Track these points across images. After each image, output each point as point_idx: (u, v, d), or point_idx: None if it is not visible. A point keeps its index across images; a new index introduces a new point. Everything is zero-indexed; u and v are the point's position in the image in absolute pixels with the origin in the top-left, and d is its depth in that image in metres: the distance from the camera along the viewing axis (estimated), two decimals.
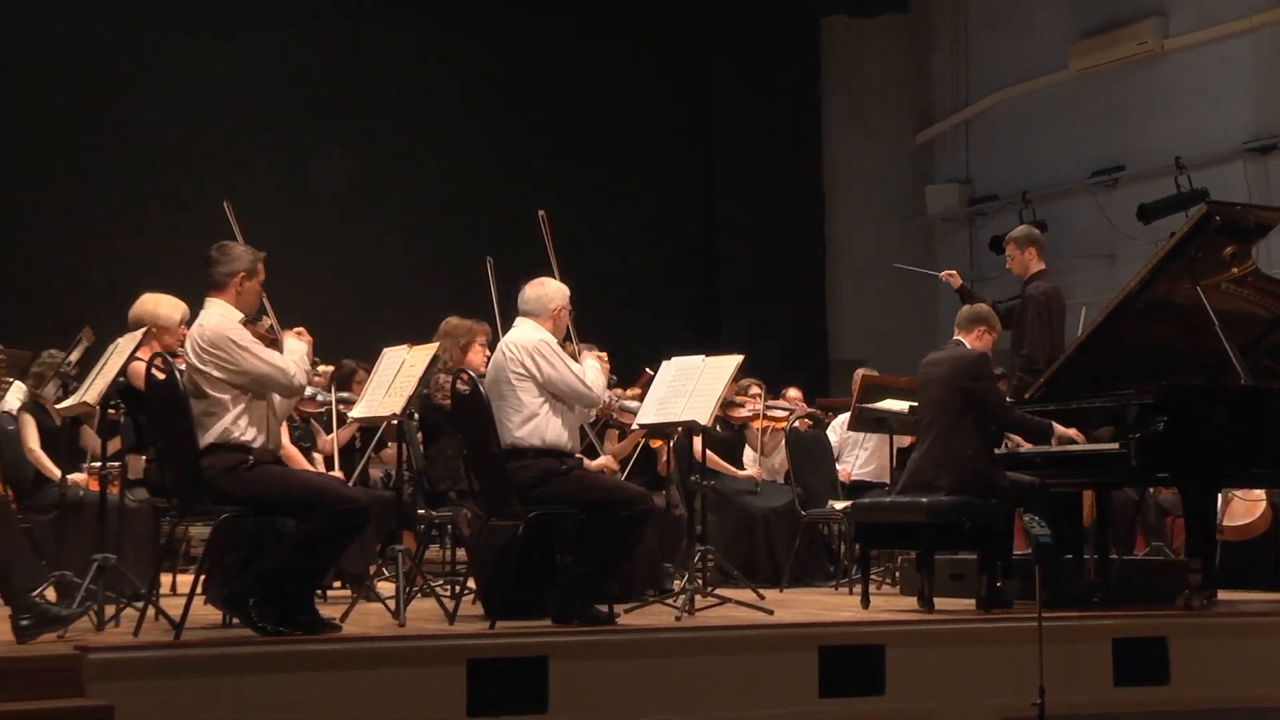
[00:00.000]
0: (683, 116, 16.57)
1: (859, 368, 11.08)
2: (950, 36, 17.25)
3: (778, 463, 10.50)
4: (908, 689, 6.54)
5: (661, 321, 14.41)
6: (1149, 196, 14.47)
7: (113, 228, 13.27)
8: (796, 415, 10.54)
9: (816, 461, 10.30)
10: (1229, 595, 8.10)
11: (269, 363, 6.24)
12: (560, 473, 6.74)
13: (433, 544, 8.56)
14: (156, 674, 5.52)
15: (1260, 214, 8.17)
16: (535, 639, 6.15)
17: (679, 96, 16.53)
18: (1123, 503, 9.38)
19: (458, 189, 14.83)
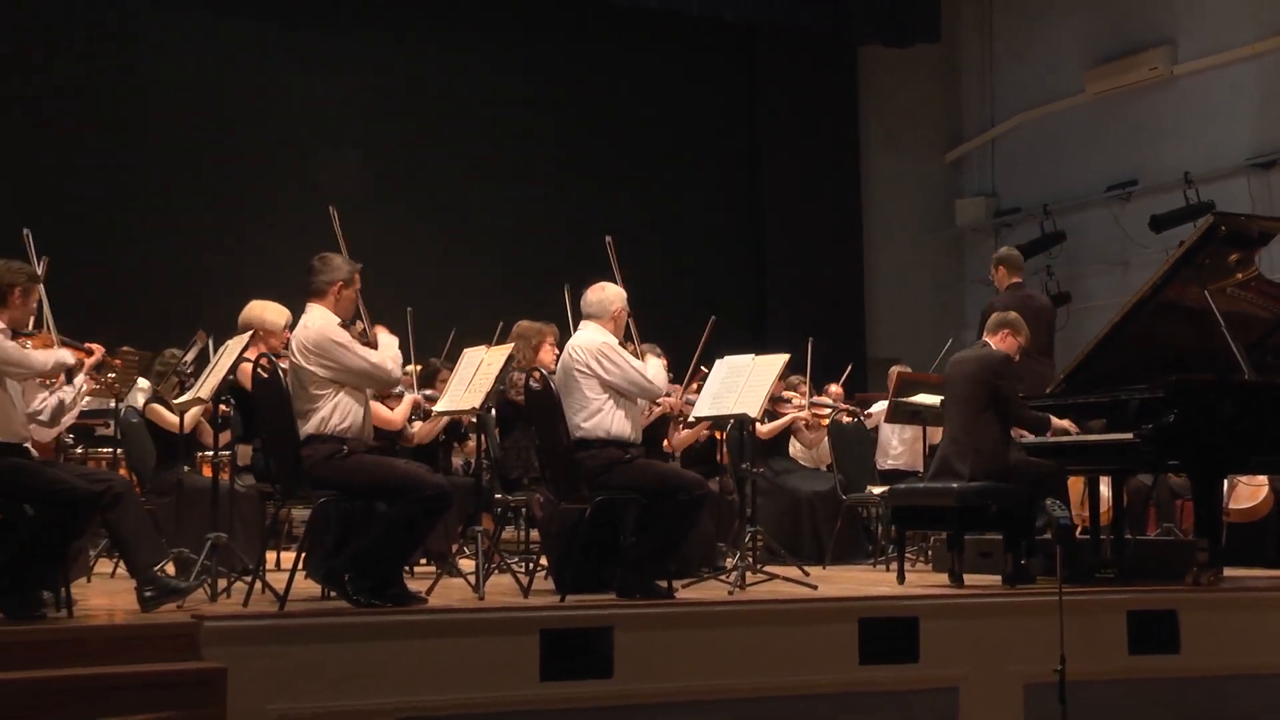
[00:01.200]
0: (735, 139, 16.56)
1: (893, 365, 11.04)
2: (977, 64, 17.15)
3: (821, 452, 10.46)
4: (940, 657, 6.52)
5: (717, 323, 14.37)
6: (1160, 208, 14.34)
7: (224, 242, 13.38)
8: (838, 409, 10.51)
9: (856, 451, 10.28)
10: (1234, 572, 8.02)
11: (367, 359, 6.29)
12: (623, 461, 6.74)
13: (509, 525, 8.59)
14: (263, 640, 5.57)
15: (1263, 224, 8.07)
16: (601, 611, 6.15)
17: (732, 121, 16.51)
18: (1137, 488, 9.32)
19: (536, 209, 14.89)
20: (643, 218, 15.15)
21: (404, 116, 14.62)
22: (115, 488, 6.10)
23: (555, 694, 5.81)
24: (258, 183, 13.80)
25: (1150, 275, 7.99)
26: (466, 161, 14.71)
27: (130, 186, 13.33)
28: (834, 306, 16.04)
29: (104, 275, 12.40)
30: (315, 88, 14.24)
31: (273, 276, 7.99)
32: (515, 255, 14.46)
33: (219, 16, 13.85)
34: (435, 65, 14.78)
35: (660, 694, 5.99)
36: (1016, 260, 9.60)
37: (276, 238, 12.76)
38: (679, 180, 15.86)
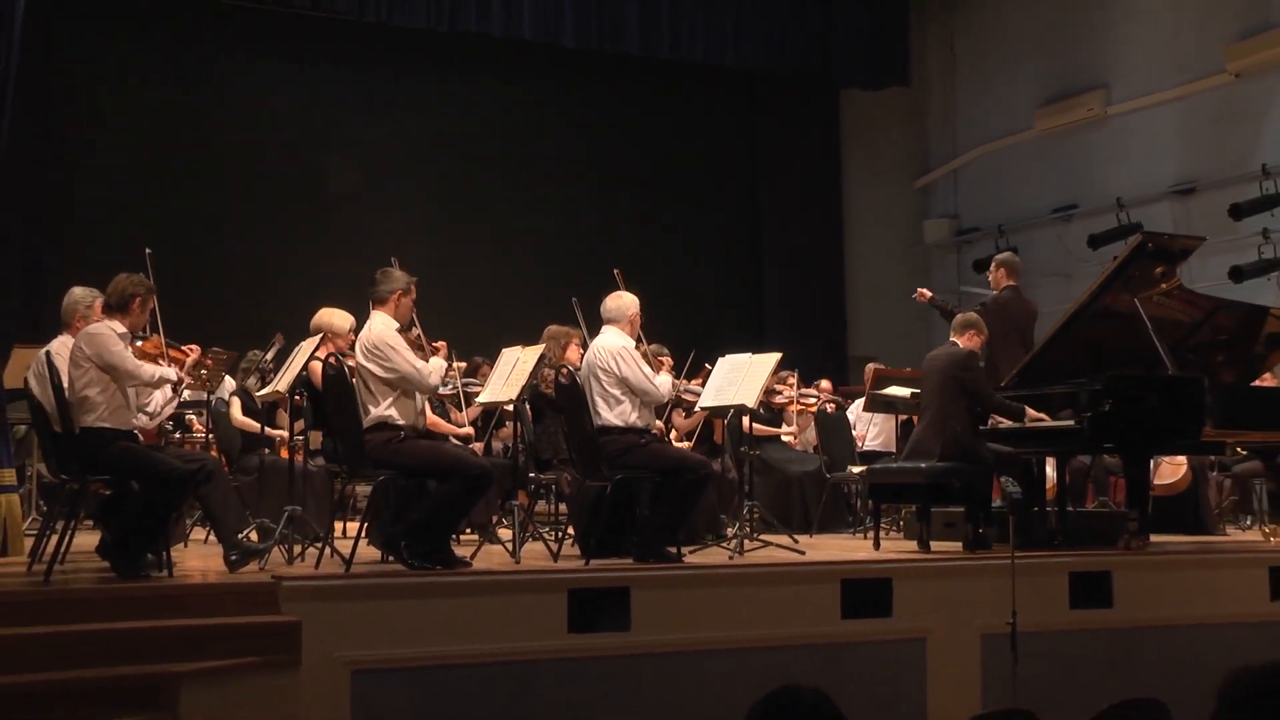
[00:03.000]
0: (736, 170, 16.52)
1: (870, 362, 11.01)
2: (941, 104, 17.10)
3: (809, 437, 10.45)
4: (910, 612, 6.52)
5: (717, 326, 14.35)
6: (1097, 228, 14.27)
7: (299, 257, 13.41)
8: (824, 400, 10.49)
9: (839, 436, 10.26)
10: (1159, 538, 8.02)
11: (413, 365, 6.30)
12: (640, 445, 6.74)
13: (541, 500, 8.57)
14: (332, 597, 5.58)
15: (1183, 242, 8.05)
16: (621, 574, 6.15)
17: (733, 154, 16.48)
18: (1077, 467, 9.29)
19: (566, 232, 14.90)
20: (656, 236, 15.19)
21: (452, 152, 14.65)
22: (208, 467, 6.14)
23: (580, 644, 5.82)
24: (329, 207, 13.86)
25: (1089, 285, 7.97)
26: (504, 192, 14.74)
27: (224, 212, 13.38)
28: (820, 312, 16.03)
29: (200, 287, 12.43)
30: (380, 126, 14.28)
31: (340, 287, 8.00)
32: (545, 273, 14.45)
33: (301, 62, 13.99)
34: (479, 108, 14.83)
35: (671, 644, 5.99)
36: (1016, 265, 9.18)
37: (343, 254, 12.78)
38: (689, 204, 15.85)
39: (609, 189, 15.32)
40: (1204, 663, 6.68)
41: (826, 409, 10.40)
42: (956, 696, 6.40)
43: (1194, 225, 12.68)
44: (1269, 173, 12.77)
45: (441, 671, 5.60)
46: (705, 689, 5.95)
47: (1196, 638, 6.94)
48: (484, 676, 5.66)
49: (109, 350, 5.94)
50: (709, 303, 15.38)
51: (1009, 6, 15.98)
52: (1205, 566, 7.55)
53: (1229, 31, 13.38)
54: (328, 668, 5.39)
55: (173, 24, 13.37)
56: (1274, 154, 12.85)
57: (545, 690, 5.73)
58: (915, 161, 17.35)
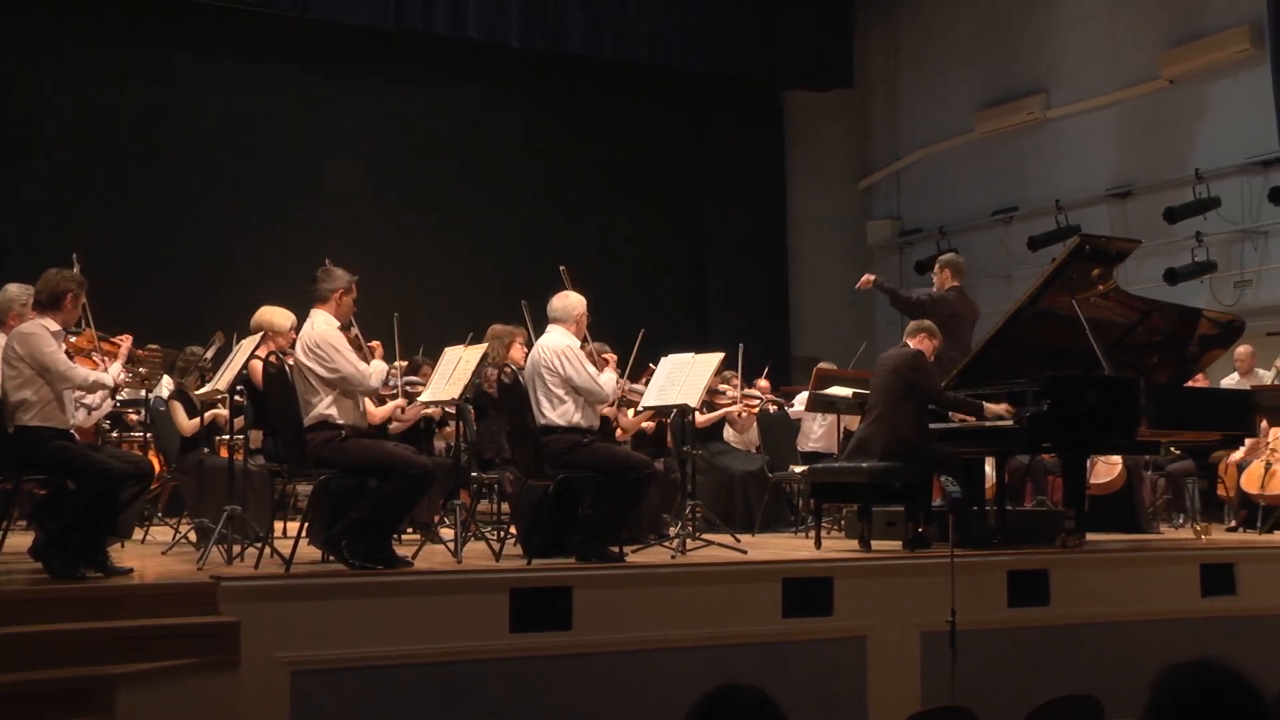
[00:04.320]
0: (681, 170, 16.54)
1: (815, 362, 11.04)
2: (884, 106, 17.22)
3: (751, 436, 10.47)
4: (851, 611, 6.54)
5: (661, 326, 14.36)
6: (1036, 230, 14.44)
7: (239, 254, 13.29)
8: (767, 400, 10.51)
9: (782, 435, 10.29)
10: (1095, 537, 8.09)
11: (355, 366, 6.25)
12: (583, 445, 6.73)
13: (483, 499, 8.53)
14: (272, 597, 5.54)
15: (1119, 244, 8.14)
16: (563, 573, 6.14)
17: (679, 155, 16.49)
18: (1016, 467, 9.37)
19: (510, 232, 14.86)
20: (601, 235, 15.17)
21: (397, 150, 14.57)
22: (140, 468, 6.08)
23: (522, 644, 5.80)
24: (270, 203, 13.74)
25: (1028, 286, 8.04)
26: (450, 192, 14.68)
27: (160, 207, 13.24)
28: (764, 312, 16.07)
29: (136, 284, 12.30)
30: (324, 123, 14.17)
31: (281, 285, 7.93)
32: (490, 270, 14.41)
33: (246, 60, 13.82)
34: (426, 107, 14.77)
35: (613, 643, 5.98)
36: (961, 266, 9.22)
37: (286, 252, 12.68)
38: (633, 204, 15.84)
39: (554, 189, 15.30)
40: (1137, 659, 6.78)
41: (768, 409, 10.43)
42: (896, 694, 6.44)
43: (1130, 228, 12.86)
44: (1202, 177, 12.98)
45: (383, 672, 5.57)
46: (646, 688, 5.95)
47: (1130, 634, 7.02)
48: (425, 676, 5.63)
49: (42, 351, 5.85)
50: (653, 302, 15.37)
51: (951, 11, 16.12)
52: (1139, 564, 7.64)
53: (1163, 39, 13.58)
54: (267, 668, 5.34)
55: (116, 20, 13.20)
56: (1207, 159, 13.06)
57: (487, 690, 5.71)
58: (858, 163, 17.45)
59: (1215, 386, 10.09)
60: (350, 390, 6.28)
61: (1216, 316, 8.38)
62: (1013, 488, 9.23)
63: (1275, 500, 9.39)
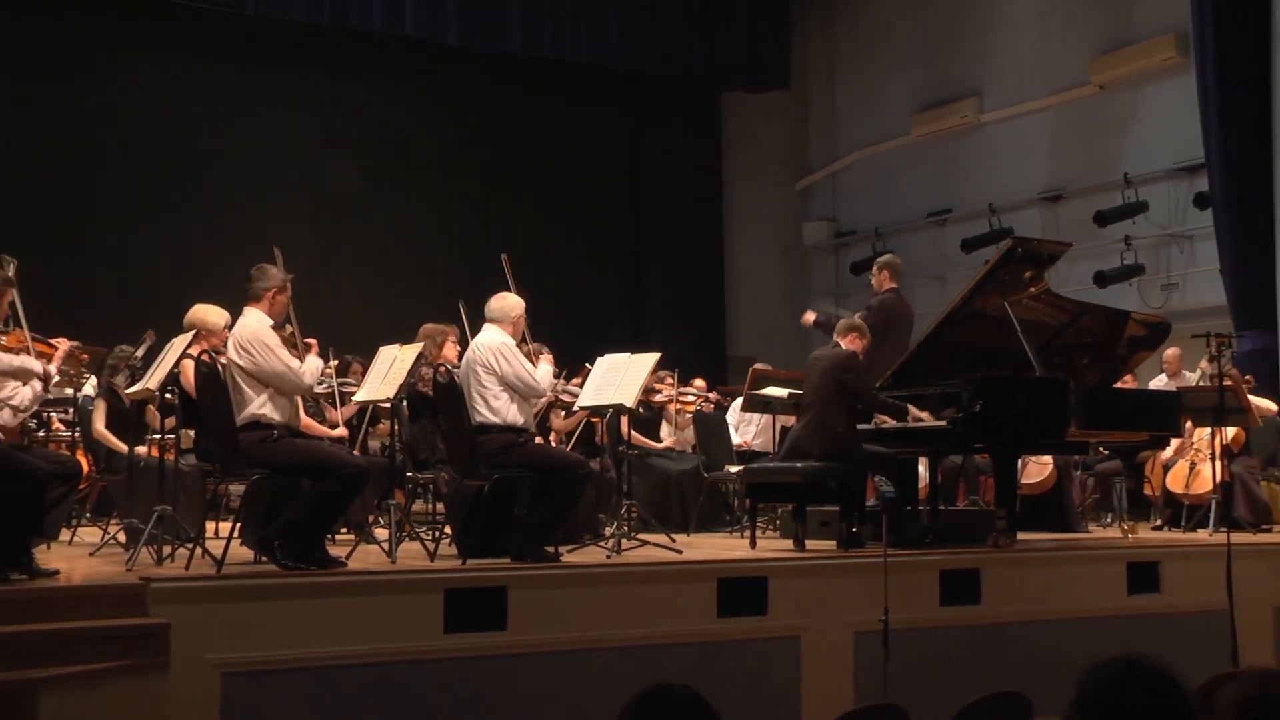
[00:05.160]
0: (619, 170, 16.57)
1: (751, 363, 11.09)
2: (821, 108, 17.33)
3: (687, 436, 10.49)
4: (785, 610, 6.57)
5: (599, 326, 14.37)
6: (969, 233, 14.60)
7: (171, 251, 13.14)
8: (702, 399, 10.54)
9: (717, 435, 10.31)
10: (1026, 536, 8.18)
11: (286, 364, 6.18)
12: (519, 444, 6.71)
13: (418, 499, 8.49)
14: (202, 599, 5.47)
15: (1051, 247, 8.24)
16: (498, 573, 6.12)
17: (616, 155, 16.53)
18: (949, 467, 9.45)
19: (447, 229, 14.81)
20: (538, 235, 15.13)
21: (334, 148, 14.45)
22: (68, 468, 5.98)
23: (457, 644, 5.77)
24: (203, 200, 13.59)
25: (961, 288, 8.11)
26: (387, 190, 14.61)
27: (89, 203, 13.07)
28: (700, 312, 16.13)
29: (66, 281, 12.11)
30: (259, 120, 14.03)
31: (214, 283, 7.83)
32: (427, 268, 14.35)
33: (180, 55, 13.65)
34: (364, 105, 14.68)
35: (548, 644, 5.97)
36: (898, 267, 9.23)
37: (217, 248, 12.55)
38: (570, 204, 15.84)
39: (491, 187, 15.27)
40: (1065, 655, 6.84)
41: (704, 409, 10.46)
42: (829, 692, 6.48)
43: (1061, 231, 13.03)
44: (1131, 182, 13.19)
45: (315, 673, 5.52)
46: (581, 688, 5.95)
47: (1059, 631, 7.10)
48: (359, 678, 5.58)
49: None
50: (589, 301, 15.39)
51: (888, 15, 16.25)
52: (1068, 563, 7.75)
53: (1093, 45, 13.79)
54: (197, 670, 5.27)
55: (45, 14, 12.96)
56: (1136, 164, 13.28)
57: (421, 691, 5.68)
58: (795, 164, 17.55)
59: (1143, 388, 10.25)
60: (283, 390, 6.21)
61: (1144, 319, 8.52)
62: (945, 488, 9.31)
63: (1199, 499, 9.55)
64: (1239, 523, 9.08)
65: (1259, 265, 11.26)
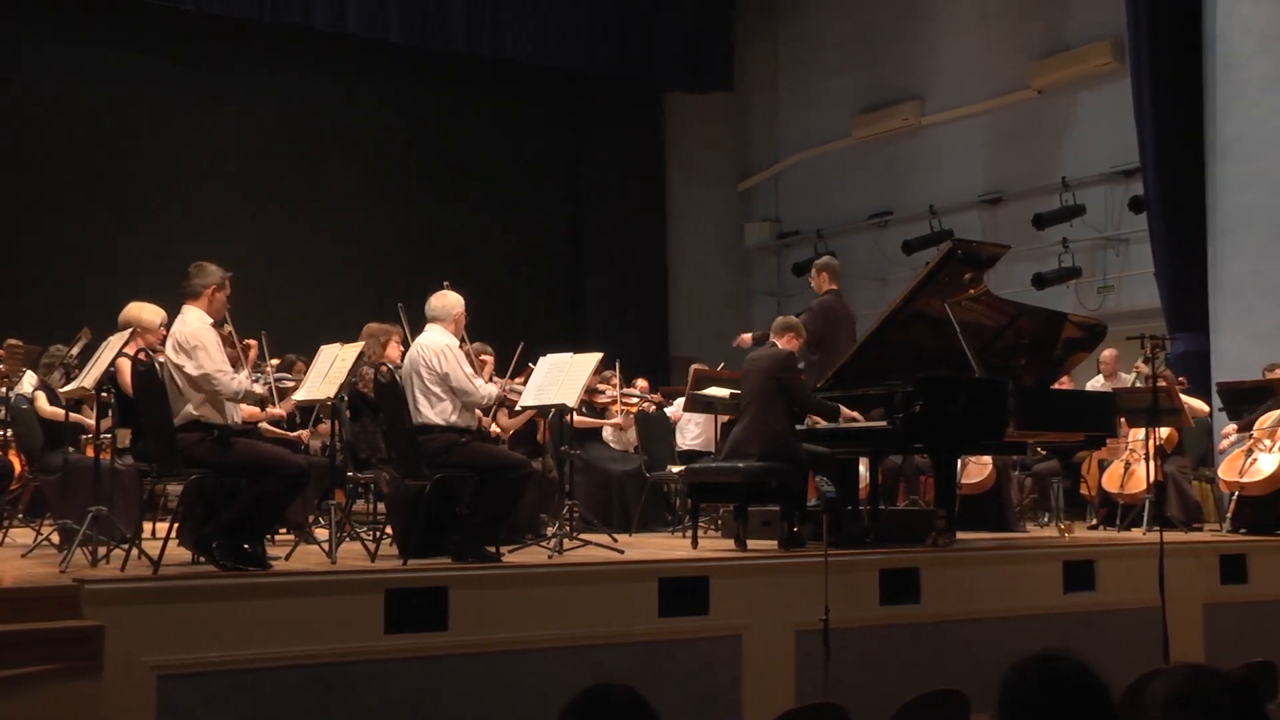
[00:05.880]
0: (560, 170, 16.57)
1: (692, 363, 11.11)
2: (764, 109, 17.41)
3: (629, 436, 10.49)
4: (727, 610, 6.57)
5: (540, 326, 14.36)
6: (910, 234, 14.74)
7: (108, 248, 12.97)
8: (645, 400, 10.55)
9: (660, 435, 10.33)
10: (965, 535, 8.24)
11: (218, 365, 6.10)
12: (460, 444, 6.67)
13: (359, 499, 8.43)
14: (138, 600, 5.37)
15: (990, 249, 8.30)
16: (439, 573, 6.08)
17: (557, 155, 16.53)
18: (889, 467, 9.52)
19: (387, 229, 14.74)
20: (480, 234, 15.13)
21: (275, 145, 14.37)
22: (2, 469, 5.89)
23: (397, 645, 5.73)
24: (139, 196, 13.43)
25: (902, 290, 8.17)
26: (327, 187, 14.51)
27: (24, 198, 12.87)
28: (642, 313, 16.16)
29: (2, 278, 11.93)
30: (199, 117, 13.91)
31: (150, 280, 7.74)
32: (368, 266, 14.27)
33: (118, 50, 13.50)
34: (304, 102, 14.60)
35: (489, 644, 5.94)
36: (837, 269, 9.23)
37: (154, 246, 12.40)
38: (513, 203, 15.81)
39: (433, 186, 15.22)
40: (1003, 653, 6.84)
41: (646, 408, 10.47)
42: (770, 691, 6.50)
43: (1001, 234, 13.18)
44: (1068, 185, 13.37)
45: (253, 675, 5.45)
46: (522, 688, 5.93)
47: (997, 630, 7.17)
48: (297, 679, 5.53)
49: None
50: (531, 302, 15.37)
51: (830, 17, 16.36)
52: (1006, 562, 7.82)
53: (1032, 50, 13.96)
54: (132, 673, 5.19)
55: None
56: (1073, 167, 13.46)
57: (361, 692, 5.64)
58: (737, 165, 17.62)
59: (1080, 389, 10.38)
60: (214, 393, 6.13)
61: (1081, 321, 8.62)
62: (886, 488, 9.39)
63: (1133, 499, 9.69)
64: (1171, 522, 9.23)
65: (1192, 269, 11.44)
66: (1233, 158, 11.06)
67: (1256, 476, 9.07)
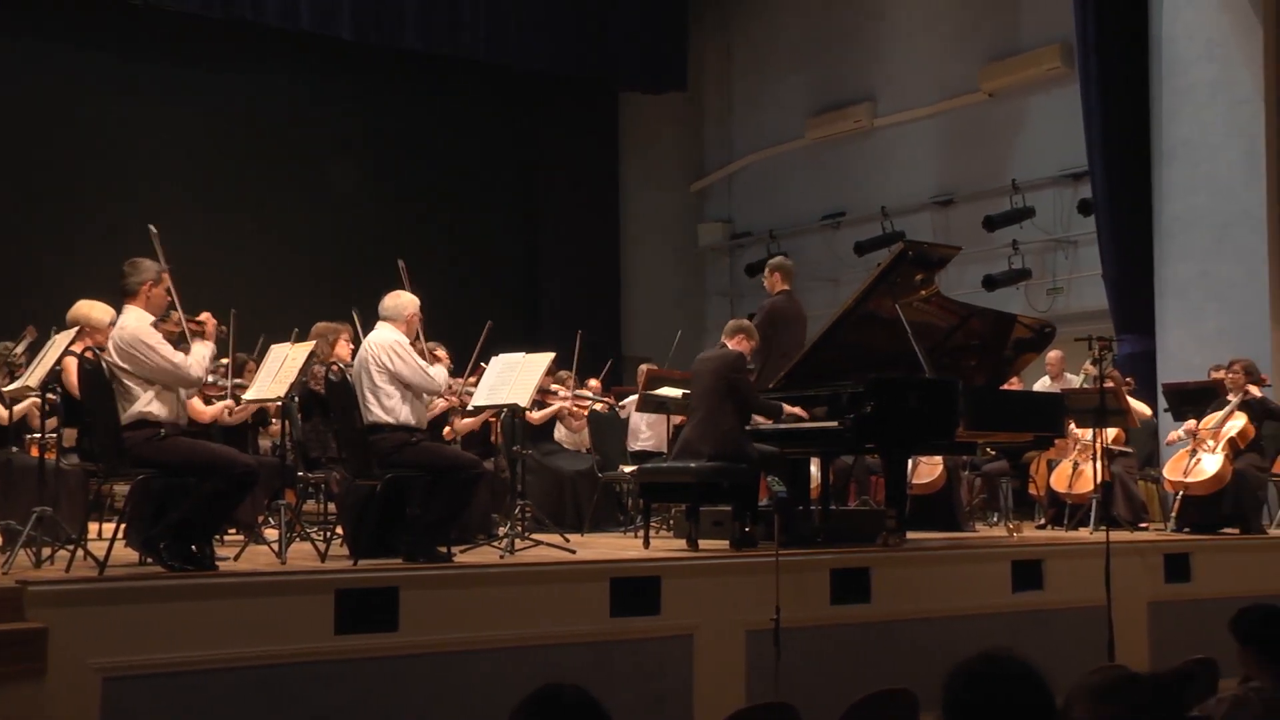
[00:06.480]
0: (515, 169, 16.54)
1: (643, 363, 11.11)
2: (718, 110, 17.46)
3: (582, 437, 10.48)
4: (678, 610, 6.57)
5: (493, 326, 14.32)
6: (863, 235, 14.82)
7: (54, 245, 12.81)
8: (597, 400, 10.55)
9: (612, 435, 10.32)
10: (915, 535, 8.28)
11: (172, 361, 6.03)
12: (411, 444, 6.64)
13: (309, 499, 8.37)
14: (83, 602, 5.30)
15: (942, 250, 8.36)
16: (389, 573, 6.04)
17: (513, 154, 16.51)
18: (840, 467, 9.56)
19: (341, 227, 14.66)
20: (434, 233, 15.08)
21: (227, 142, 14.26)
22: None
23: (347, 645, 5.69)
24: (85, 191, 13.27)
25: (854, 290, 8.21)
26: (280, 186, 14.43)
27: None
28: (595, 312, 16.13)
29: None
30: (148, 113, 13.77)
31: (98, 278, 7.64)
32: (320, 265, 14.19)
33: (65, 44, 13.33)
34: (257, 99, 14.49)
35: (440, 644, 5.92)
36: (789, 270, 9.23)
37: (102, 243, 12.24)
38: (467, 202, 15.79)
39: (387, 185, 15.15)
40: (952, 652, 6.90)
41: (598, 409, 10.46)
42: (722, 691, 6.51)
43: (952, 235, 13.29)
44: (1018, 188, 13.49)
45: (201, 677, 5.40)
46: (473, 689, 5.91)
47: (946, 629, 7.21)
48: (246, 680, 5.48)
49: None
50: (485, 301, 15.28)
51: (784, 19, 16.42)
52: (955, 562, 7.87)
53: (983, 54, 14.08)
54: (77, 676, 5.12)
55: None
56: (1023, 170, 13.58)
57: (310, 693, 5.59)
58: (691, 166, 17.66)
59: (1029, 390, 10.47)
60: (172, 386, 6.08)
61: (1030, 322, 8.68)
62: (837, 488, 9.43)
63: (1081, 499, 9.79)
64: (1117, 521, 9.33)
65: (1139, 271, 11.58)
66: (1178, 162, 11.21)
67: (1200, 476, 9.19)
